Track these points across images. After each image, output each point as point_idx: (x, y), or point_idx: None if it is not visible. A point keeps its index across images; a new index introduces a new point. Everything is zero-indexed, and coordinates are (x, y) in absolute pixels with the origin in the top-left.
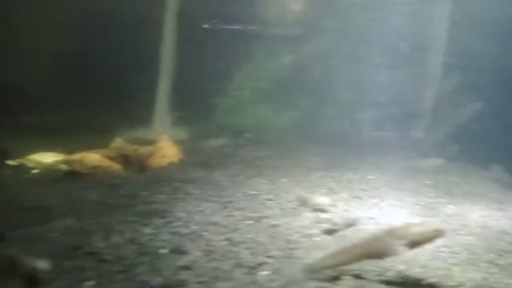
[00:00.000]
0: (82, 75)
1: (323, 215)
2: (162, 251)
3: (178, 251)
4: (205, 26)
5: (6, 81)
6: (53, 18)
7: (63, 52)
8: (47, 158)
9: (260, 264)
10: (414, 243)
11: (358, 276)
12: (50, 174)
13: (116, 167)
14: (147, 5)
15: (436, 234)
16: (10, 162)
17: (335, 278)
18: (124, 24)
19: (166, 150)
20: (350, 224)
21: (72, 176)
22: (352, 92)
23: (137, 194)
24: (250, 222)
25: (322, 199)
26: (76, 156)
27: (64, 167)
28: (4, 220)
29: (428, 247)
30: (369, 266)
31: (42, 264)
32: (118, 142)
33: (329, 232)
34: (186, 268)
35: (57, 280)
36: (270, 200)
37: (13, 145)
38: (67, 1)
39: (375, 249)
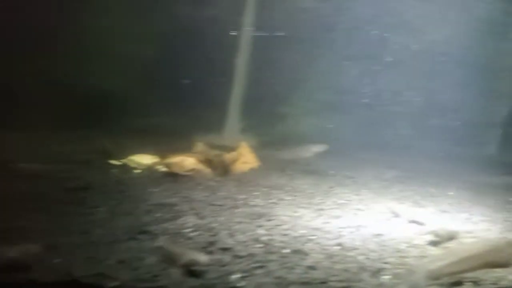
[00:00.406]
0: (166, 82)
1: (421, 227)
2: (284, 251)
3: (299, 252)
4: (278, 37)
5: (104, 88)
6: (144, 30)
7: (152, 60)
8: (145, 159)
9: (380, 269)
10: None
11: (476, 283)
12: (151, 175)
13: (206, 170)
14: (226, 17)
15: None
16: (113, 162)
17: (456, 284)
18: (204, 35)
19: (247, 156)
20: (451, 237)
21: (171, 177)
22: (424, 106)
23: (235, 197)
24: (351, 230)
25: (415, 212)
26: (176, 159)
27: (161, 168)
28: (141, 216)
29: None
30: (481, 275)
31: (202, 257)
32: (200, 147)
33: (434, 243)
34: (313, 268)
35: (210, 272)
36: (360, 210)
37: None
38: (155, 15)
39: (496, 259)
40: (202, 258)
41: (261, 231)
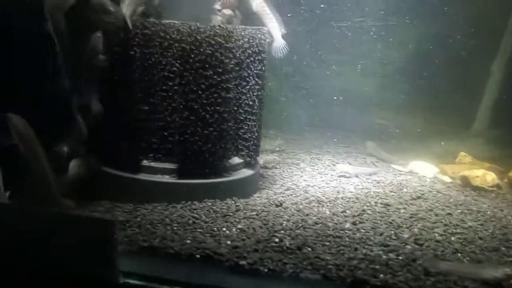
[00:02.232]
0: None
1: None
2: None
3: None
4: None
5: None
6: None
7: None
8: (426, 167)
9: None
10: None
11: None
12: (447, 186)
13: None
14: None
15: None
16: (397, 167)
17: None
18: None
19: None
20: None
21: (475, 190)
22: None
23: None
24: None
25: None
26: (475, 172)
27: (446, 178)
28: None
29: None
30: None
31: None
32: (468, 158)
33: None
34: None
35: None
36: None
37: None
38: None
39: None
40: None
41: None
